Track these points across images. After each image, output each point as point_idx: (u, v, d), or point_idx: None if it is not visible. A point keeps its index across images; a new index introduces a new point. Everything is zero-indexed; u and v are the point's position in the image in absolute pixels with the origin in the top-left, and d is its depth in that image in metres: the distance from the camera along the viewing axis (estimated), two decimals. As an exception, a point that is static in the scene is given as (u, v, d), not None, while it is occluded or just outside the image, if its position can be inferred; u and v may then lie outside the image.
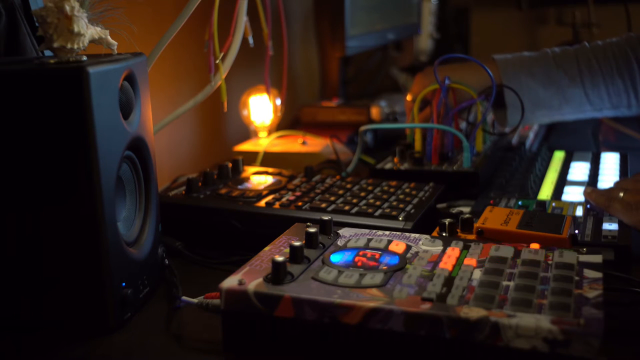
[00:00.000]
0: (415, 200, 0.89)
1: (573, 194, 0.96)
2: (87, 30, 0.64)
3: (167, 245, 0.80)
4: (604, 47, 1.17)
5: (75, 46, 0.63)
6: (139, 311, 0.69)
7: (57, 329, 0.65)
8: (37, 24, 0.64)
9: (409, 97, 1.21)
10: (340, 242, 0.70)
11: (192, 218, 0.87)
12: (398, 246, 0.68)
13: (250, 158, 1.24)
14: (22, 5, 0.78)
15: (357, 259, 0.65)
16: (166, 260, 0.76)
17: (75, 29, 0.62)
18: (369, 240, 0.70)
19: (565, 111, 1.16)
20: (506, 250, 0.66)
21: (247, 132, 1.39)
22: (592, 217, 0.84)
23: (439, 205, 0.95)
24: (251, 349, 0.60)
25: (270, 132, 1.35)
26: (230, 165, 0.98)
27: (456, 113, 1.09)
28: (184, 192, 0.90)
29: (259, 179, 0.97)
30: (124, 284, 0.66)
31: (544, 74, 1.15)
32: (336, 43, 1.56)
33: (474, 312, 0.54)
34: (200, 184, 0.91)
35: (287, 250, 0.66)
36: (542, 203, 0.89)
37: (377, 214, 0.83)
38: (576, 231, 0.79)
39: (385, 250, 0.67)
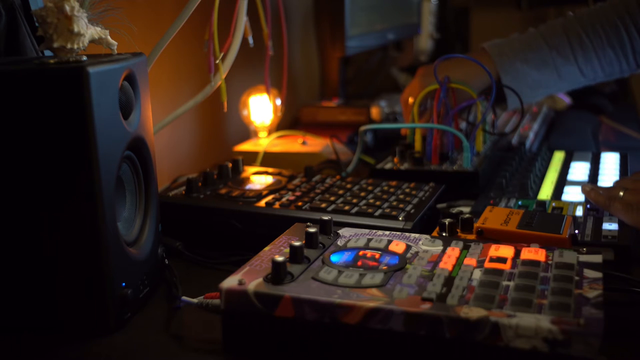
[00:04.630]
0: (415, 200, 0.88)
1: (573, 194, 0.96)
2: (87, 30, 0.64)
3: (167, 245, 0.80)
4: (591, 18, 1.19)
5: (75, 46, 0.63)
6: (139, 311, 0.69)
7: (57, 329, 0.65)
8: (37, 24, 0.64)
9: (410, 100, 1.20)
10: (340, 242, 0.70)
11: (192, 218, 0.87)
12: (398, 246, 0.68)
13: (250, 158, 1.24)
14: (22, 5, 0.78)
15: (357, 259, 0.65)
16: (166, 260, 0.76)
17: (75, 29, 0.62)
18: (369, 240, 0.69)
19: (561, 86, 1.22)
20: (506, 250, 0.66)
21: (247, 132, 1.39)
22: (592, 217, 0.84)
23: (439, 205, 0.95)
24: (251, 349, 0.60)
25: (270, 132, 1.35)
26: (230, 165, 0.98)
27: (456, 113, 1.09)
28: (184, 192, 0.89)
29: (258, 179, 0.97)
30: (124, 284, 0.66)
31: (538, 57, 1.18)
32: (336, 43, 1.56)
33: (474, 312, 0.54)
34: (200, 184, 0.91)
35: (287, 250, 0.66)
36: (542, 203, 0.89)
37: (377, 214, 0.83)
38: (576, 231, 0.79)
39: (385, 250, 0.67)
